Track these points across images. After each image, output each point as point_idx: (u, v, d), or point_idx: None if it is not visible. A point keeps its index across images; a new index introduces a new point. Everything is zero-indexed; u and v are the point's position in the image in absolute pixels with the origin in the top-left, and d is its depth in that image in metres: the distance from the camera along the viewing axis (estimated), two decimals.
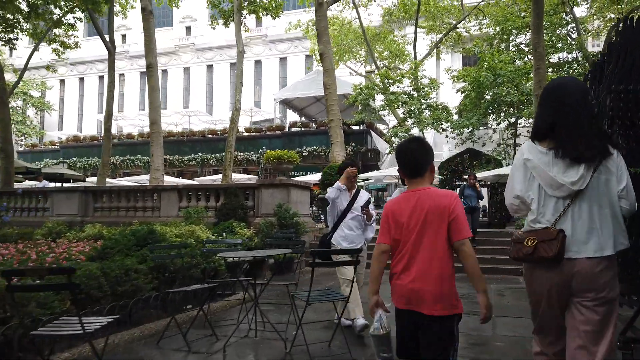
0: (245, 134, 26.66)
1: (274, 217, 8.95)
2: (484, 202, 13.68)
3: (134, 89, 44.21)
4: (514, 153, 19.79)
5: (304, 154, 23.35)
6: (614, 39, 3.09)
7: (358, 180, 6.74)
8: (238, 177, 21.20)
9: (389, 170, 18.88)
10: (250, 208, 9.51)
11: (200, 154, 26.98)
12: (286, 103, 27.66)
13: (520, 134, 20.68)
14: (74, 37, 20.36)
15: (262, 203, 9.36)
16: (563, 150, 2.12)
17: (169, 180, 20.09)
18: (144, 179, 20.88)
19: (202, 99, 41.63)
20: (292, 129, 25.42)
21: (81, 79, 45.58)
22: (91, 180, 21.57)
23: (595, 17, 25.70)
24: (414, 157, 2.39)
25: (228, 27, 19.48)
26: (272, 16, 17.70)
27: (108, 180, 18.04)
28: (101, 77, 44.98)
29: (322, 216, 12.73)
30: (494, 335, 4.65)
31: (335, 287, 5.43)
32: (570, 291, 2.09)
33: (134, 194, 11.31)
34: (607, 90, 2.74)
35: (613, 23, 23.35)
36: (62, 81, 45.26)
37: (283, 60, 40.59)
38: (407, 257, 2.27)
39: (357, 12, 24.02)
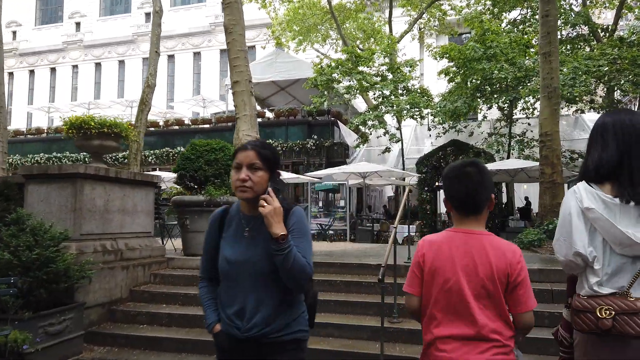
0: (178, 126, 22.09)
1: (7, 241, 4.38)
2: None
3: (89, 81, 40.14)
4: (509, 144, 15.90)
5: None
6: None
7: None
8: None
9: (351, 166, 14.85)
10: None
11: None
12: None
13: (516, 120, 16.76)
14: None
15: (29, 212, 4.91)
16: (631, 192, 1.62)
17: None
18: None
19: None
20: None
21: (31, 71, 41.65)
22: None
23: None
24: (471, 186, 1.72)
25: None
26: None
27: None
28: (52, 69, 40.92)
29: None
30: None
31: None
32: None
33: None
34: None
35: None
36: (11, 74, 40.93)
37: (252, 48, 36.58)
38: (449, 324, 1.66)
39: None
